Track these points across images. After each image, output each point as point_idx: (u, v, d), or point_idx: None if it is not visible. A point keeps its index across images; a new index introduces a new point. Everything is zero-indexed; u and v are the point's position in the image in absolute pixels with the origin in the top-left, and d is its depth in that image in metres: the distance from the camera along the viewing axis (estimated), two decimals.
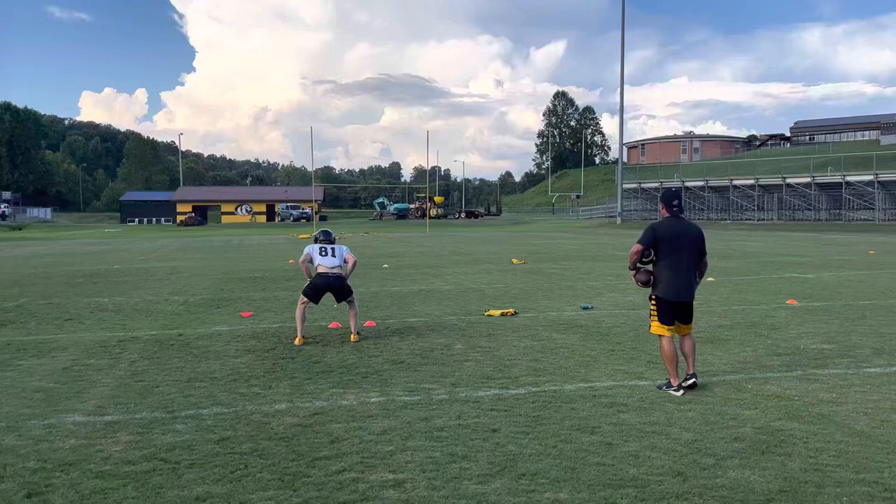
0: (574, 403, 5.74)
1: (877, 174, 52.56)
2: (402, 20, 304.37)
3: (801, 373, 6.70)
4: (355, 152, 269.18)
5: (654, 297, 6.16)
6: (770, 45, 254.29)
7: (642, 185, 68.09)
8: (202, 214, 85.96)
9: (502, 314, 10.35)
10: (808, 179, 56.66)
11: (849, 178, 54.21)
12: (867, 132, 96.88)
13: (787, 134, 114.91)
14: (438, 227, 58.56)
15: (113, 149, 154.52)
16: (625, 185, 65.34)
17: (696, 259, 6.17)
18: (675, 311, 6.12)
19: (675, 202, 6.25)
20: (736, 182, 60.78)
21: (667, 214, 6.25)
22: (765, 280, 14.64)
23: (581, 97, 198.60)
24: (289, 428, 5.18)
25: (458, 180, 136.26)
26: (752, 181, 59.93)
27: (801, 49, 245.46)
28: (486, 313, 10.48)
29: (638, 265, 6.22)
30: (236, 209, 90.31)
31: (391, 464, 4.45)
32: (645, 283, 6.21)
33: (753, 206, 59.62)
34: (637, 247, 6.13)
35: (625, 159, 79.53)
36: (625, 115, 63.63)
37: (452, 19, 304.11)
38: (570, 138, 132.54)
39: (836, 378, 6.48)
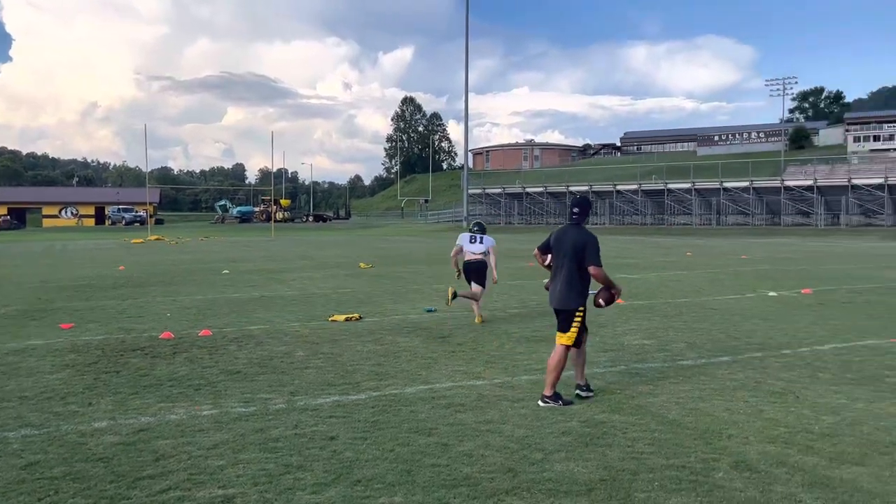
0: (413, 406, 5.79)
1: (694, 182, 57.89)
2: (245, 17, 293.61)
3: (623, 367, 7.18)
4: (195, 152, 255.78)
5: None
6: (602, 59, 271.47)
7: (486, 191, 70.52)
8: (19, 217, 78.44)
9: (347, 319, 10.27)
10: (635, 186, 61.24)
11: (670, 186, 59.20)
12: (686, 144, 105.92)
13: (618, 144, 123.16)
14: (284, 231, 57.18)
15: None
16: (470, 191, 67.43)
17: (572, 266, 5.88)
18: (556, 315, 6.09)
19: (576, 209, 6.08)
20: (572, 188, 64.32)
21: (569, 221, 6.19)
22: None
23: (429, 103, 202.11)
24: (108, 447, 4.81)
25: (307, 183, 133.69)
26: (586, 187, 63.72)
27: (628, 65, 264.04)
28: (330, 318, 10.35)
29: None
30: (60, 212, 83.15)
31: (221, 479, 4.26)
32: (547, 288, 6.29)
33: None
34: (536, 250, 6.40)
35: (470, 165, 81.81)
36: (470, 123, 65.57)
37: (298, 19, 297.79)
38: (418, 143, 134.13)
39: (653, 371, 7.01)
